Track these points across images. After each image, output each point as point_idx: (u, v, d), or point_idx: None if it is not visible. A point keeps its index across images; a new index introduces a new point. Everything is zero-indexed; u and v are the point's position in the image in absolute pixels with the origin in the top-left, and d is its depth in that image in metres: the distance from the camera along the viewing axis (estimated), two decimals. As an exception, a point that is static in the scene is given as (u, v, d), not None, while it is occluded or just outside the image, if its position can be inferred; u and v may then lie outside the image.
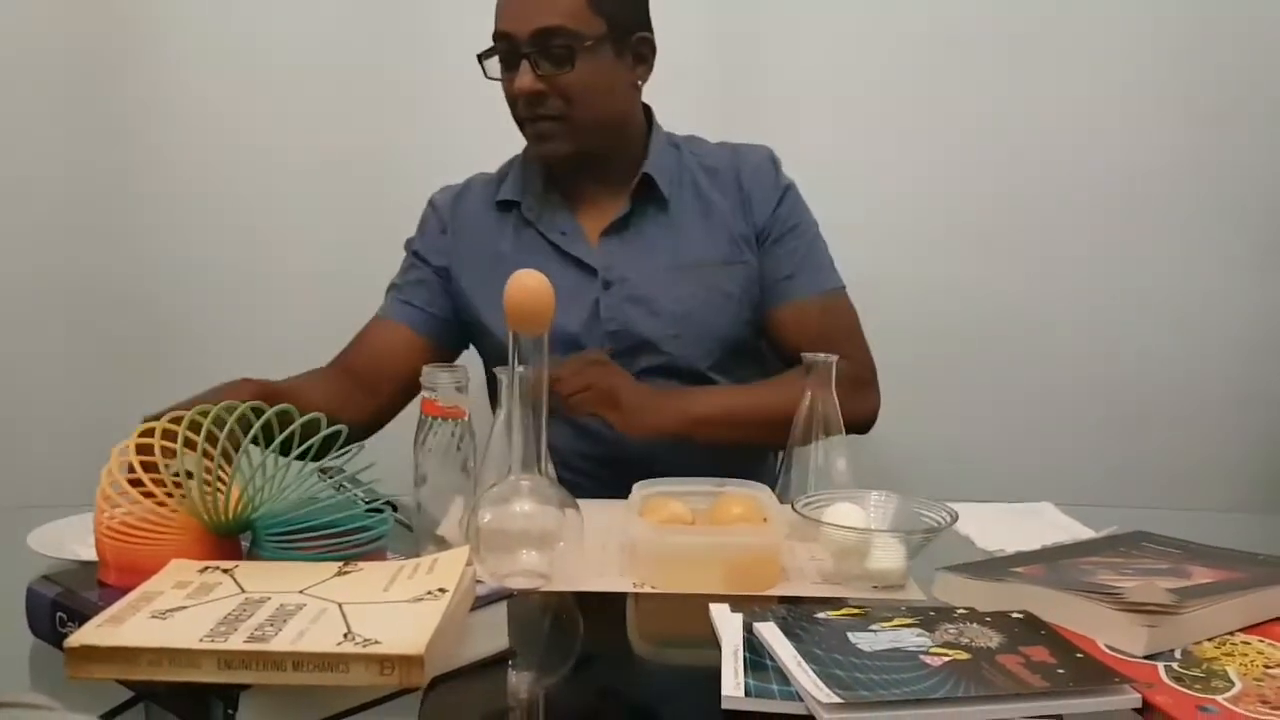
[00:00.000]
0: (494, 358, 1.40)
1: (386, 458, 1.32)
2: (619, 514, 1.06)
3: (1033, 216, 1.91)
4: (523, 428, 0.97)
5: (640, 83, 1.41)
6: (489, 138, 1.51)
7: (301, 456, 0.88)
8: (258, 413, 0.87)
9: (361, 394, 1.38)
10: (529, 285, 0.96)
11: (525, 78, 1.30)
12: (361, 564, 0.81)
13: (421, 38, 1.87)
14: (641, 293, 1.39)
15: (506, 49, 1.33)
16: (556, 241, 1.41)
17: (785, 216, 1.43)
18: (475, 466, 1.04)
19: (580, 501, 0.98)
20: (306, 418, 0.88)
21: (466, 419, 1.03)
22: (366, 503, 0.92)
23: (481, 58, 1.36)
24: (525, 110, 1.34)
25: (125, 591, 0.75)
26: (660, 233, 1.41)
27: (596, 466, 1.37)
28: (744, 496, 1.08)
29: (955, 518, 0.98)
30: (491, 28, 1.34)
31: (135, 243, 1.89)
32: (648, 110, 1.47)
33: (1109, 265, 1.91)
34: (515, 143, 1.49)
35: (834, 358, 1.13)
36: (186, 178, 1.88)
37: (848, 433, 1.32)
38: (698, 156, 1.46)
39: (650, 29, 1.40)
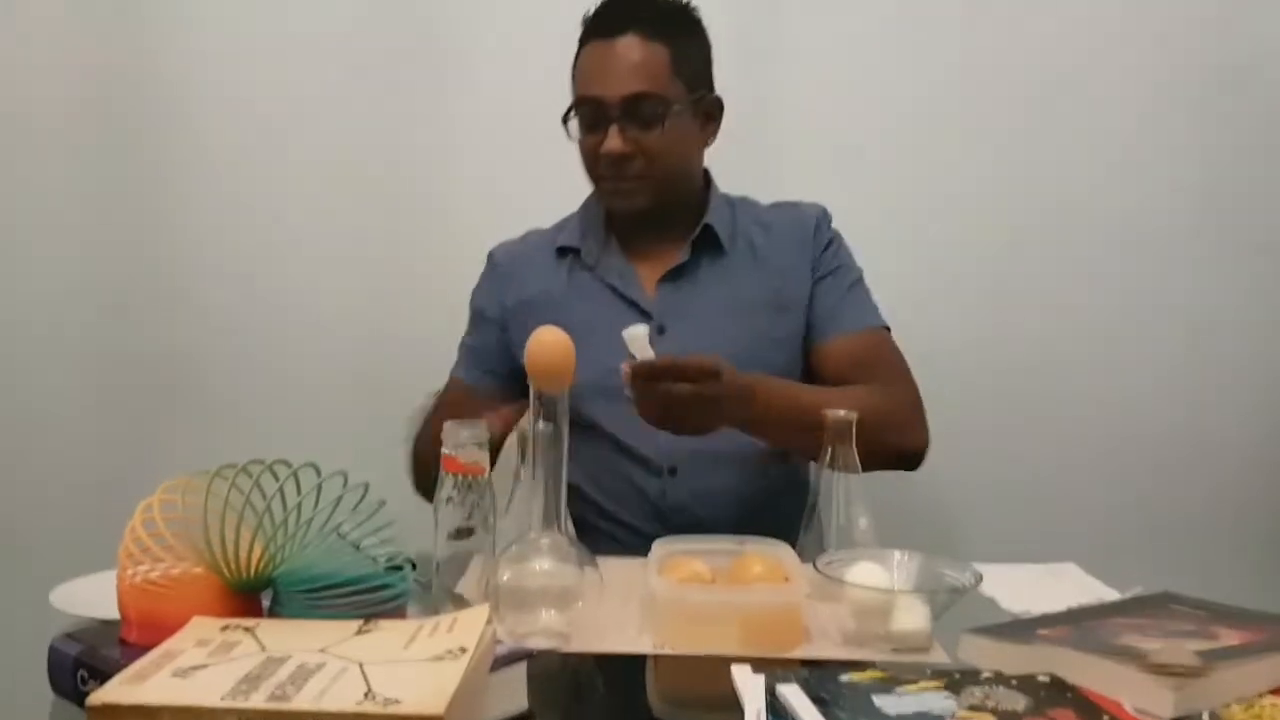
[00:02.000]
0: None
1: (405, 515, 1.32)
2: (639, 572, 1.06)
3: (1040, 264, 1.90)
4: (543, 485, 0.97)
5: (710, 141, 1.49)
6: (492, 137, 1.53)
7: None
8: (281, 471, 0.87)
9: None
10: (547, 341, 0.97)
11: (614, 141, 1.37)
12: (382, 622, 0.81)
13: (433, 42, 1.89)
14: (694, 336, 1.39)
15: (592, 113, 1.39)
16: (614, 284, 1.47)
17: (830, 259, 1.49)
18: (494, 524, 1.04)
19: (600, 559, 0.98)
20: (329, 475, 0.88)
21: (486, 476, 1.03)
22: (386, 561, 0.91)
23: (564, 120, 1.42)
24: (609, 169, 1.40)
25: (147, 649, 0.75)
26: (715, 279, 1.47)
27: (643, 518, 1.40)
28: (764, 555, 1.07)
29: (980, 579, 0.97)
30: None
31: (150, 302, 1.91)
32: (705, 170, 1.54)
33: (1114, 313, 1.91)
34: (518, 142, 1.50)
35: (854, 414, 1.13)
36: (195, 191, 1.90)
37: (894, 469, 1.31)
38: (752, 214, 1.52)
39: (714, 89, 1.47)
